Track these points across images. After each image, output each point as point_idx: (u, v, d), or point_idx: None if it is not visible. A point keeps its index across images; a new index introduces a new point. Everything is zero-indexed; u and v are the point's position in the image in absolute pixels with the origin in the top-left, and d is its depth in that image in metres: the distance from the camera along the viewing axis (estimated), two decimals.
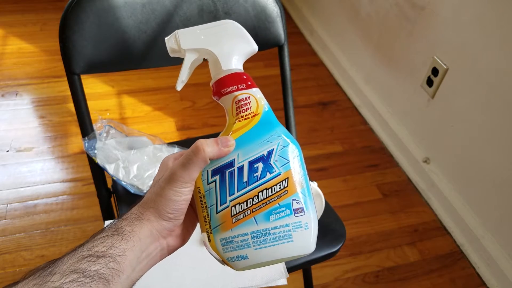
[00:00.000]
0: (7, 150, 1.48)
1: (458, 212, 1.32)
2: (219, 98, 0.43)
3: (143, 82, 1.82)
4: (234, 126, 0.41)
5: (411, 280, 1.23)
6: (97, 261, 0.34)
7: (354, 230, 1.34)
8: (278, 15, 0.85)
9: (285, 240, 0.40)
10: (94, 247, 0.35)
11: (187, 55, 0.43)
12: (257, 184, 0.40)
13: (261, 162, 0.41)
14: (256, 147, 0.41)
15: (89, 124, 0.82)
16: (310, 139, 1.64)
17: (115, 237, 0.36)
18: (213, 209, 0.40)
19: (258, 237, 0.40)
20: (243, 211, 0.40)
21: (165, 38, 0.43)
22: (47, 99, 1.71)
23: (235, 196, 0.40)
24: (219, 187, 0.40)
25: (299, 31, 2.29)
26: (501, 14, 1.08)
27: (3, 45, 1.97)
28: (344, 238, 0.76)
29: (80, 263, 0.33)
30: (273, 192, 0.40)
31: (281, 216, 0.40)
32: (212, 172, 0.40)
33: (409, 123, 1.54)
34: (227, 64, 0.42)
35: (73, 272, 0.33)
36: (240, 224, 0.40)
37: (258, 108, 0.42)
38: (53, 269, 0.33)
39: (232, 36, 0.43)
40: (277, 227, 0.40)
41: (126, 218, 0.38)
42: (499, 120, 1.14)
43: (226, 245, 0.40)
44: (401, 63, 1.52)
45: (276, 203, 0.40)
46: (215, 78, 0.43)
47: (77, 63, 0.75)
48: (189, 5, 0.79)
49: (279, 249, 0.40)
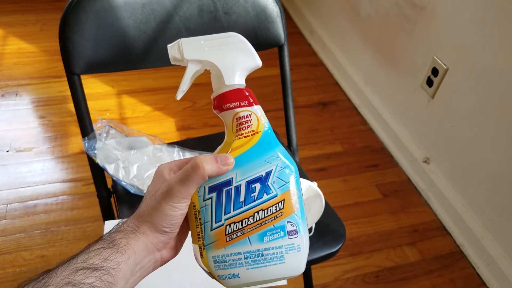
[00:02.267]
0: (7, 150, 1.48)
1: (458, 212, 1.32)
2: (219, 112, 0.42)
3: (143, 82, 1.82)
4: (233, 144, 0.41)
5: (411, 280, 1.23)
6: (91, 273, 0.34)
7: (354, 230, 1.34)
8: (278, 15, 0.85)
9: (277, 262, 0.40)
10: (89, 259, 0.35)
11: (190, 66, 0.42)
12: (254, 204, 0.40)
13: (259, 182, 0.40)
14: (254, 167, 0.40)
15: (89, 124, 0.82)
16: (310, 139, 1.64)
17: (110, 249, 0.36)
18: (208, 226, 0.40)
19: (251, 257, 0.40)
20: (238, 230, 0.40)
21: (168, 45, 0.42)
22: (47, 99, 1.71)
23: (230, 215, 0.40)
24: (215, 204, 0.40)
25: (299, 31, 2.29)
26: (501, 14, 1.08)
27: (3, 45, 1.97)
28: (344, 238, 0.76)
29: (74, 275, 0.33)
30: (269, 214, 0.40)
31: (275, 238, 0.40)
32: (209, 189, 0.40)
33: (409, 123, 1.54)
34: (230, 79, 0.42)
35: (67, 285, 0.32)
36: (234, 243, 0.40)
37: (258, 127, 0.42)
38: (46, 280, 0.33)
39: (236, 50, 0.42)
40: (270, 248, 0.40)
41: (122, 231, 0.38)
42: (499, 120, 1.14)
43: (218, 262, 0.40)
44: (401, 63, 1.52)
45: (271, 225, 0.40)
46: (216, 92, 0.42)
47: (77, 63, 0.75)
48: (189, 5, 0.79)
49: (271, 270, 0.40)
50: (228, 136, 0.42)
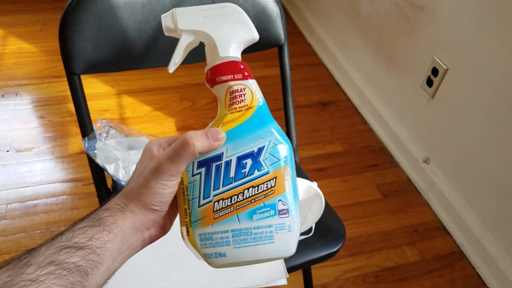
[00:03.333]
0: (7, 150, 1.48)
1: (458, 212, 1.32)
2: (212, 85, 0.41)
3: (143, 82, 1.82)
4: (226, 118, 0.39)
5: (411, 280, 1.23)
6: (76, 252, 0.33)
7: (354, 230, 1.34)
8: (278, 15, 0.85)
9: (266, 241, 0.39)
10: (74, 237, 0.33)
11: (183, 36, 0.40)
12: (244, 181, 0.39)
13: (250, 158, 0.39)
14: (246, 142, 0.39)
15: (89, 124, 0.82)
16: (310, 139, 1.64)
17: (96, 228, 0.35)
18: (195, 202, 0.39)
19: (239, 235, 0.39)
20: (226, 207, 0.38)
21: (162, 15, 0.41)
22: (47, 99, 1.71)
23: (219, 191, 0.38)
24: (204, 180, 0.39)
25: (299, 31, 2.29)
26: (501, 14, 1.08)
27: (3, 45, 1.97)
28: (344, 238, 0.76)
29: (58, 255, 0.32)
30: (259, 191, 0.39)
31: (265, 216, 0.39)
32: (198, 164, 0.38)
33: (409, 123, 1.54)
34: (225, 51, 0.40)
35: (50, 264, 0.31)
36: (222, 221, 0.38)
37: (252, 101, 0.40)
38: (29, 259, 0.32)
39: (233, 21, 0.41)
40: (260, 227, 0.39)
41: (109, 209, 0.37)
42: (499, 120, 1.14)
43: (205, 240, 0.39)
44: (401, 63, 1.52)
45: (261, 202, 0.39)
46: (210, 64, 0.41)
47: (77, 63, 0.75)
48: (189, 4, 0.79)
49: (259, 250, 0.39)
50: (221, 111, 0.40)
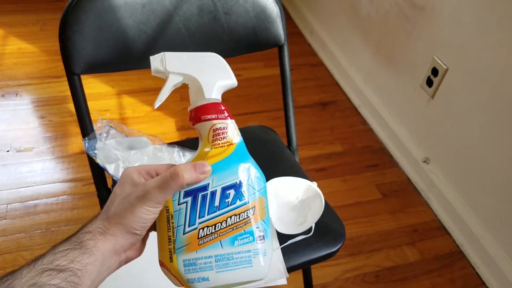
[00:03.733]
0: (7, 150, 1.48)
1: (457, 212, 1.32)
2: (195, 123, 0.44)
3: (143, 82, 1.82)
4: (209, 153, 0.42)
5: (411, 280, 1.23)
6: (57, 275, 0.34)
7: (354, 230, 1.34)
8: (278, 15, 0.85)
9: (246, 265, 0.41)
10: (55, 260, 0.35)
11: (171, 77, 0.44)
12: (227, 209, 0.41)
13: (233, 189, 0.42)
14: (229, 174, 0.42)
15: (89, 124, 0.82)
16: (310, 139, 1.65)
17: (77, 251, 0.36)
18: (180, 229, 0.41)
19: (221, 260, 0.41)
20: (211, 234, 0.41)
21: (151, 56, 0.44)
22: (47, 99, 1.71)
23: (204, 219, 0.41)
24: (190, 209, 0.41)
25: (299, 31, 2.29)
26: (500, 14, 1.08)
27: (3, 45, 1.97)
28: (343, 238, 0.76)
29: (40, 277, 0.33)
30: (240, 219, 0.42)
31: (245, 242, 0.41)
32: (184, 194, 0.41)
33: (409, 123, 1.54)
34: (210, 93, 0.44)
35: (32, 286, 0.32)
36: (206, 247, 0.41)
37: (233, 138, 0.44)
38: (11, 282, 0.32)
39: (216, 68, 0.45)
40: (240, 252, 0.41)
41: (90, 232, 0.38)
42: (498, 120, 1.14)
43: (189, 266, 0.41)
44: (401, 63, 1.52)
45: (242, 229, 0.41)
46: (195, 104, 0.44)
47: (77, 63, 0.75)
48: (189, 5, 0.79)
49: (238, 273, 0.41)
50: (203, 145, 0.43)
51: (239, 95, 1.79)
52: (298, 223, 0.72)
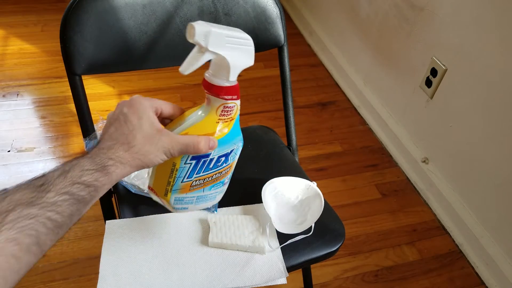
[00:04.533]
0: (8, 150, 1.49)
1: (456, 211, 1.33)
2: (211, 95, 0.51)
3: (143, 82, 1.82)
4: (218, 126, 0.53)
5: (410, 279, 1.24)
6: (84, 189, 0.43)
7: (353, 230, 1.35)
8: (278, 16, 0.85)
9: (212, 200, 0.61)
10: (83, 176, 0.43)
11: (207, 54, 0.47)
12: (216, 169, 0.56)
13: (224, 157, 0.55)
14: (226, 148, 0.55)
15: (90, 124, 0.83)
16: (310, 139, 1.65)
17: (100, 173, 0.44)
18: (179, 179, 0.54)
19: (200, 198, 0.59)
20: (200, 184, 0.56)
21: (195, 24, 0.45)
22: (48, 100, 1.71)
23: (199, 175, 0.55)
24: (192, 168, 0.53)
25: (298, 32, 2.30)
26: (499, 14, 1.08)
27: (5, 45, 1.98)
28: (343, 238, 0.77)
29: (71, 188, 0.41)
30: (221, 174, 0.58)
31: (217, 187, 0.60)
32: (191, 157, 0.52)
33: (408, 124, 1.54)
34: (234, 77, 0.50)
35: (65, 194, 0.41)
36: (193, 191, 0.57)
37: (235, 115, 0.54)
38: (47, 186, 0.40)
39: (246, 54, 0.50)
40: (212, 193, 0.60)
41: (113, 159, 0.46)
42: (497, 120, 1.15)
43: (177, 201, 0.57)
44: (400, 63, 1.53)
45: (219, 180, 0.58)
46: (218, 82, 0.50)
47: (78, 64, 0.76)
48: (190, 6, 0.80)
49: (207, 203, 0.61)
50: (210, 114, 0.52)
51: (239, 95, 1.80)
52: (298, 223, 0.73)
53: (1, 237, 0.34)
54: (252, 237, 0.69)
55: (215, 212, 0.74)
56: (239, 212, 0.75)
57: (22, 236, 0.36)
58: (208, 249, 0.68)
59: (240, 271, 0.65)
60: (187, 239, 0.69)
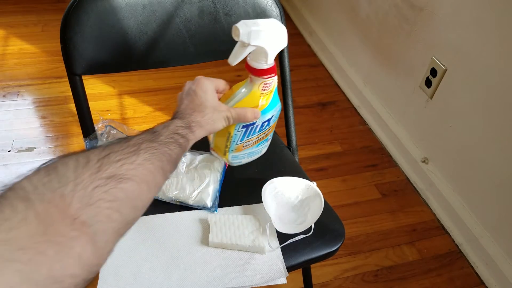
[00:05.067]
0: (8, 150, 1.49)
1: (456, 211, 1.33)
2: (254, 75, 0.63)
3: (144, 82, 1.83)
4: (261, 99, 0.65)
5: (410, 279, 1.24)
6: (181, 138, 0.54)
7: (353, 230, 1.35)
8: (278, 17, 0.85)
9: (260, 154, 0.79)
10: (178, 130, 0.55)
11: (250, 48, 0.59)
12: (261, 132, 0.71)
13: (267, 121, 0.69)
14: (267, 114, 0.68)
15: (91, 124, 0.83)
16: (310, 139, 1.65)
17: (188, 130, 0.57)
18: (234, 143, 0.70)
19: (250, 154, 0.76)
20: (249, 144, 0.72)
21: (239, 26, 0.56)
22: (48, 100, 1.72)
23: (248, 138, 0.70)
24: (243, 134, 0.69)
25: (298, 32, 2.30)
26: (499, 14, 1.09)
27: (5, 46, 1.98)
28: (343, 238, 0.77)
29: (173, 135, 0.53)
30: (265, 134, 0.73)
31: (263, 143, 0.76)
32: (242, 126, 0.67)
33: (408, 124, 1.54)
34: (271, 60, 0.62)
35: (171, 138, 0.52)
36: (245, 150, 0.73)
37: (273, 88, 0.66)
38: (158, 133, 0.52)
39: (279, 37, 0.61)
40: (259, 148, 0.76)
41: (194, 121, 0.58)
42: (497, 120, 1.15)
43: (234, 158, 0.74)
44: (400, 64, 1.53)
45: (264, 138, 0.74)
46: (258, 66, 0.62)
47: (78, 64, 0.76)
48: (190, 6, 0.80)
49: (256, 155, 0.78)
50: (254, 89, 0.64)
51: None
52: (298, 223, 0.73)
53: (140, 157, 0.44)
54: (252, 237, 0.69)
55: (215, 212, 0.74)
56: (239, 212, 0.75)
57: (153, 158, 0.46)
58: (208, 249, 0.68)
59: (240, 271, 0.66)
60: (187, 239, 0.69)
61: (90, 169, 0.38)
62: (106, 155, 0.41)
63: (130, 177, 0.41)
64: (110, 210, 0.38)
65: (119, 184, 0.39)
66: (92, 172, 0.38)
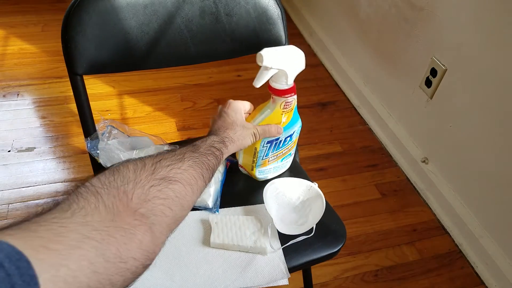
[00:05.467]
0: (8, 150, 1.49)
1: (456, 211, 1.33)
2: (276, 96, 0.71)
3: (144, 82, 1.82)
4: (283, 117, 0.73)
5: (410, 279, 1.24)
6: (217, 151, 0.61)
7: (353, 230, 1.35)
8: (279, 17, 0.85)
9: (285, 168, 0.85)
10: (214, 144, 0.62)
11: (272, 71, 0.67)
12: (284, 147, 0.78)
13: (290, 137, 0.77)
14: (289, 130, 0.76)
15: (92, 124, 0.83)
16: (310, 140, 1.65)
17: (222, 144, 0.64)
18: (260, 157, 0.77)
19: (276, 168, 0.82)
20: (274, 159, 0.79)
21: (263, 54, 0.64)
22: (48, 100, 1.71)
23: (273, 152, 0.77)
24: (268, 149, 0.76)
25: (298, 32, 2.30)
26: (499, 15, 1.09)
27: (5, 45, 1.98)
28: (344, 239, 0.77)
29: (210, 148, 0.60)
30: (288, 149, 0.80)
31: (287, 158, 0.83)
32: (266, 142, 0.74)
33: (408, 124, 1.54)
34: (291, 80, 0.70)
35: (208, 150, 0.59)
36: (271, 164, 0.80)
37: (293, 106, 0.74)
38: (198, 146, 0.59)
39: (297, 60, 0.70)
40: (284, 163, 0.83)
41: (227, 137, 0.65)
42: (497, 120, 1.15)
43: (260, 172, 0.80)
44: (400, 64, 1.53)
45: (287, 154, 0.81)
46: (280, 86, 0.70)
47: (79, 64, 0.76)
48: (191, 6, 0.80)
49: (282, 170, 0.85)
50: (276, 109, 0.73)
51: (239, 95, 1.80)
52: (299, 224, 0.73)
53: (185, 164, 0.51)
54: (253, 238, 0.69)
55: (216, 213, 0.74)
56: (241, 213, 0.75)
57: (195, 165, 0.52)
58: (210, 249, 0.68)
59: (241, 272, 0.66)
60: (188, 240, 0.69)
61: (146, 171, 0.46)
62: (158, 160, 0.49)
63: (178, 180, 0.48)
64: (163, 206, 0.44)
65: (170, 185, 0.46)
66: (148, 174, 0.46)
